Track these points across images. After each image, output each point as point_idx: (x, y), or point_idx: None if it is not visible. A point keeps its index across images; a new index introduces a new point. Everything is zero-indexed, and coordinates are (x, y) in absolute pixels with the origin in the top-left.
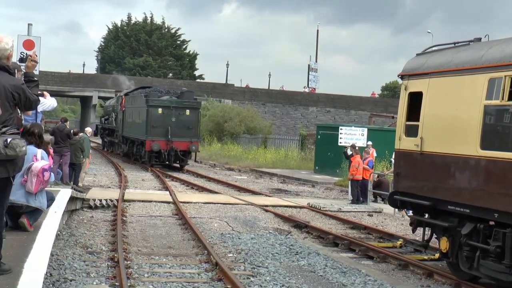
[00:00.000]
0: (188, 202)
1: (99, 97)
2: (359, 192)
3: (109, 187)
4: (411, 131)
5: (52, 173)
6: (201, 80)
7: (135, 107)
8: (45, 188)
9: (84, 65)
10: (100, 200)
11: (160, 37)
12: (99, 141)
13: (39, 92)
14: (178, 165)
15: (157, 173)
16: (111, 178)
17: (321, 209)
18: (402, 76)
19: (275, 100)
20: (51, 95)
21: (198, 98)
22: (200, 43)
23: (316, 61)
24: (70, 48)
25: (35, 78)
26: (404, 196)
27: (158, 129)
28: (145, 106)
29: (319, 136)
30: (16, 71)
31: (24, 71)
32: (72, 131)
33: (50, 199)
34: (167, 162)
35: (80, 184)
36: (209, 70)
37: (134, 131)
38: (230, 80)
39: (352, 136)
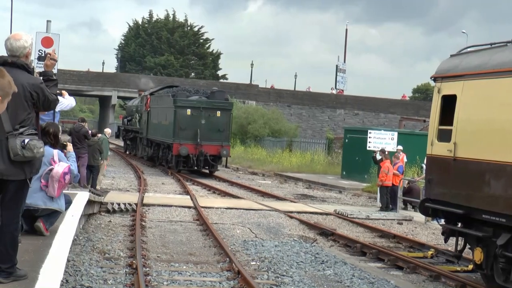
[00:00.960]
0: (209, 207)
1: (119, 97)
2: (389, 199)
3: (128, 190)
4: (444, 136)
5: (74, 170)
6: (224, 80)
7: (161, 107)
8: (63, 191)
9: (103, 63)
10: (119, 204)
11: (182, 35)
12: (120, 143)
13: (57, 92)
14: (207, 171)
15: (178, 177)
16: (130, 181)
17: (348, 216)
18: (435, 78)
19: (301, 101)
20: (69, 94)
21: None
22: (223, 42)
23: (344, 62)
24: (89, 46)
25: (54, 77)
26: (436, 203)
27: (187, 131)
28: (173, 107)
29: (346, 140)
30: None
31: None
32: (89, 132)
33: (67, 202)
34: (195, 168)
35: (97, 187)
36: (232, 70)
37: (160, 134)
38: (255, 80)
39: (382, 140)
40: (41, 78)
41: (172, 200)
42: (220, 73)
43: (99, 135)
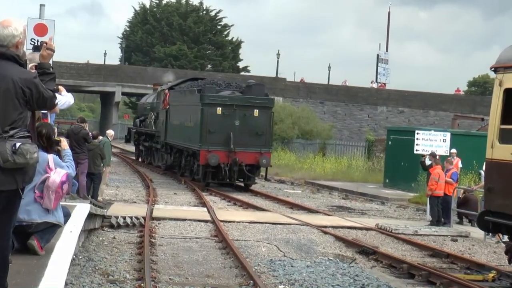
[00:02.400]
0: (229, 221)
1: (123, 94)
2: (440, 211)
3: (135, 201)
4: (507, 137)
5: (72, 173)
6: (246, 73)
7: (184, 105)
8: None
9: (105, 54)
10: (124, 218)
11: (197, 21)
12: (127, 147)
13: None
14: (242, 184)
15: (192, 186)
16: (136, 191)
17: (393, 231)
18: (495, 69)
19: (336, 97)
20: (67, 91)
21: None
22: (245, 29)
23: (386, 51)
24: (89, 34)
25: (51, 70)
26: (497, 217)
27: (217, 135)
28: (199, 104)
29: (390, 142)
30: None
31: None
32: (90, 133)
33: (65, 216)
34: (227, 180)
35: (99, 198)
36: (255, 61)
37: (182, 138)
38: (282, 73)
39: (432, 142)
40: (36, 71)
41: (186, 213)
42: (241, 64)
43: (101, 137)
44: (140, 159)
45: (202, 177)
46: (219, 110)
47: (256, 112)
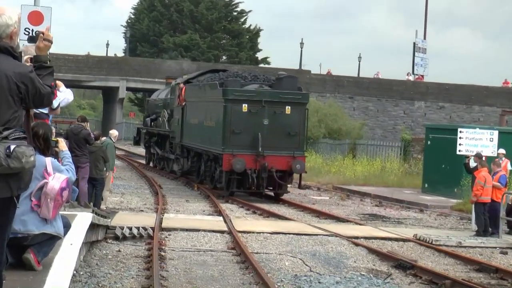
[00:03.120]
0: (249, 232)
1: (128, 89)
2: (487, 220)
3: (142, 210)
4: None
5: (72, 177)
6: (266, 65)
7: (203, 101)
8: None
9: (107, 45)
10: (130, 229)
11: (210, 7)
12: (137, 150)
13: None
14: (271, 193)
15: (207, 192)
16: (144, 198)
17: (433, 243)
18: None
19: (368, 92)
20: (65, 86)
21: None
22: (264, 15)
23: (424, 38)
24: (89, 23)
25: (49, 63)
26: None
27: (242, 136)
28: (222, 100)
29: (429, 142)
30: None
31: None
32: (91, 134)
33: (65, 226)
34: (253, 188)
35: (102, 207)
36: (276, 52)
37: (201, 139)
38: (306, 65)
39: (477, 141)
40: (32, 65)
41: (200, 222)
42: (259, 55)
43: (103, 138)
44: (151, 164)
45: (225, 186)
46: (244, 107)
47: (288, 109)
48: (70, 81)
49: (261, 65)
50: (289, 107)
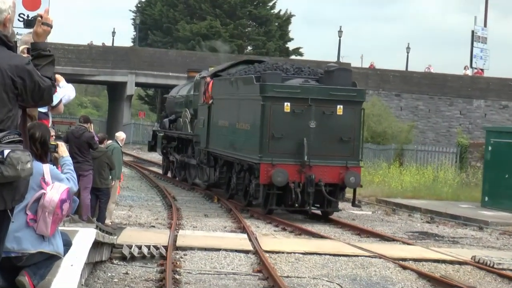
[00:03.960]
0: (277, 252)
1: (138, 84)
2: None
3: (153, 226)
4: None
5: (73, 187)
6: (298, 57)
7: (235, 98)
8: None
9: (114, 33)
10: (139, 247)
11: None
12: (147, 155)
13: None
14: (319, 211)
15: (228, 205)
16: (155, 211)
17: (495, 266)
18: None
19: (418, 88)
20: (66, 81)
21: None
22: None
23: (484, 26)
24: (93, 8)
25: (49, 52)
26: None
27: (284, 142)
28: (259, 98)
29: (490, 148)
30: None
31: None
32: (95, 137)
33: (65, 245)
34: (297, 206)
35: (107, 222)
36: (310, 41)
37: (232, 145)
38: (345, 57)
39: None
40: (29, 56)
41: (221, 240)
42: (290, 46)
43: (109, 141)
44: (169, 174)
45: (262, 202)
46: (287, 106)
47: (339, 108)
48: (71, 75)
49: (293, 56)
50: (342, 106)
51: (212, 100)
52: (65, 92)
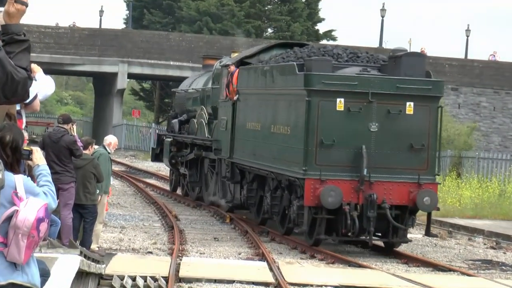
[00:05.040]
0: (305, 285)
1: (131, 76)
2: None
3: (150, 252)
4: None
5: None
6: (331, 42)
7: (269, 93)
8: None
9: (101, 12)
10: (133, 279)
11: None
12: (143, 165)
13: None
14: (381, 242)
15: (243, 225)
16: (153, 234)
17: None
18: None
19: (479, 81)
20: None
21: None
22: None
23: None
24: None
25: (24, 36)
26: None
27: (337, 151)
28: (303, 92)
29: None
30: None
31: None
32: (78, 142)
33: (42, 275)
34: (353, 235)
35: (94, 247)
36: (345, 23)
37: (266, 154)
38: (388, 41)
39: None
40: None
41: (235, 270)
42: (321, 28)
43: (95, 147)
44: (179, 191)
45: (307, 230)
46: (340, 103)
47: (410, 106)
48: (48, 64)
49: (324, 41)
50: (412, 103)
51: (238, 95)
52: (41, 85)
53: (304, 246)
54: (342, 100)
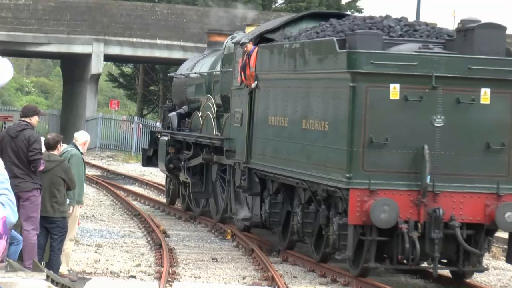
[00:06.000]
0: None
1: (108, 58)
2: None
3: (133, 276)
4: None
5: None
6: (355, 15)
7: (299, 78)
8: None
9: None
10: None
11: None
12: (124, 168)
13: None
14: (447, 271)
15: (249, 243)
16: (136, 253)
17: None
18: None
19: None
20: None
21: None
22: None
23: None
24: None
25: None
26: None
27: (390, 153)
28: (346, 77)
29: None
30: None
31: None
32: (42, 139)
33: None
34: (410, 262)
35: (64, 269)
36: None
37: (295, 157)
38: (426, 15)
39: None
40: None
41: None
42: None
43: (64, 146)
44: (179, 204)
45: (351, 255)
46: (395, 90)
47: (485, 94)
48: (5, 43)
49: (347, 15)
50: (489, 90)
51: (257, 81)
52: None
53: (324, 268)
54: (397, 86)
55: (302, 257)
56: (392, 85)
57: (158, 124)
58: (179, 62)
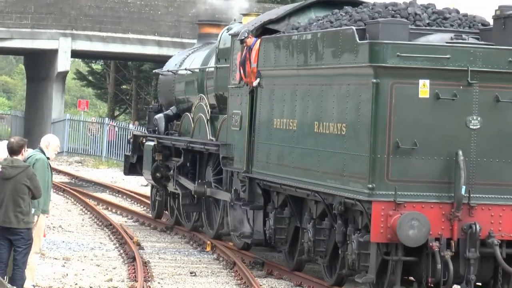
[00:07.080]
0: None
1: (76, 54)
2: None
3: None
4: None
5: None
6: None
7: (311, 74)
8: None
9: None
10: None
11: None
12: (94, 175)
13: None
14: None
15: (230, 256)
16: (107, 267)
17: None
18: None
19: None
20: None
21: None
22: None
23: None
24: None
25: None
26: None
27: (419, 160)
28: (367, 72)
29: None
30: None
31: None
32: (3, 143)
33: None
34: (440, 284)
35: (29, 285)
36: None
37: (305, 166)
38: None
39: None
40: None
41: None
42: None
43: (29, 150)
44: (165, 219)
45: (374, 276)
46: (424, 86)
47: None
48: None
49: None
50: None
51: (260, 78)
52: None
53: (314, 283)
54: (427, 82)
55: (311, 279)
56: (421, 81)
57: (131, 126)
58: (153, 58)
